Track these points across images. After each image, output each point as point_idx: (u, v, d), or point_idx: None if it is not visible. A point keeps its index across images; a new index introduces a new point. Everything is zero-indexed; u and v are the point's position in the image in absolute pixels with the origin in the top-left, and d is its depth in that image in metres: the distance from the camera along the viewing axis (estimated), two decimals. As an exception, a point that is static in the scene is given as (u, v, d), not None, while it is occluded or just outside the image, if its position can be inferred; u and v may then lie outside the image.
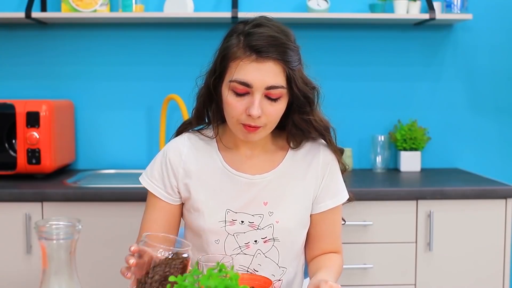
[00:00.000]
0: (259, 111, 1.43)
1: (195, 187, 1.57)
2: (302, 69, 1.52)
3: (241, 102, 1.45)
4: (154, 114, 3.05)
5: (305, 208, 1.59)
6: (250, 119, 1.45)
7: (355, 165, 3.09)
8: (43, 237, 1.01)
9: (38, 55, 3.03)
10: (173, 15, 2.82)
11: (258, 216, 1.55)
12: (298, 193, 1.58)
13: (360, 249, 2.53)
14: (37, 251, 2.43)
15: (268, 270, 1.57)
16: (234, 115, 1.47)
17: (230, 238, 1.55)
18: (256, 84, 1.43)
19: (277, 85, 1.44)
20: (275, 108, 1.47)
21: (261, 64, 1.43)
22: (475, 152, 3.14)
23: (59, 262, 1.02)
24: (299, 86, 1.48)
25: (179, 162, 1.59)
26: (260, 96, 1.44)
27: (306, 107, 1.53)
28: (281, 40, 1.45)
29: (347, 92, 3.08)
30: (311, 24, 3.05)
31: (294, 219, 1.57)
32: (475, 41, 3.10)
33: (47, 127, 2.63)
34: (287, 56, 1.45)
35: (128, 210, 2.45)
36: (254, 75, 1.43)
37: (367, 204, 2.51)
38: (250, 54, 1.43)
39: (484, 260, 2.54)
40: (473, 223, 2.53)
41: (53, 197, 2.45)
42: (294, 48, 1.49)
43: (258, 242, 1.56)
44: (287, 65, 1.45)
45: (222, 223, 1.55)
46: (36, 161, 2.63)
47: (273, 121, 1.49)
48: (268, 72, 1.43)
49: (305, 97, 1.51)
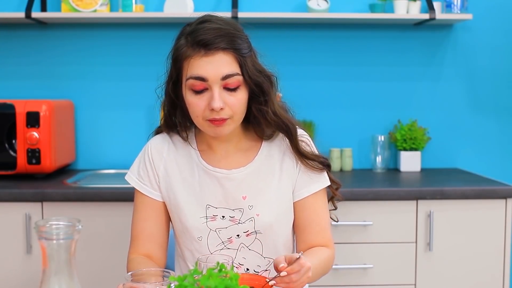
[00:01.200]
0: (220, 103, 1.45)
1: (175, 184, 1.59)
2: (254, 58, 1.53)
3: (202, 99, 1.47)
4: (154, 114, 3.04)
5: (286, 198, 1.59)
6: (214, 113, 1.47)
7: (355, 165, 3.10)
8: (43, 237, 1.01)
9: (38, 55, 3.03)
10: (173, 15, 2.82)
11: (238, 211, 1.56)
12: (276, 184, 1.58)
13: (360, 249, 2.53)
14: (37, 251, 2.44)
15: (254, 262, 1.59)
16: (198, 114, 1.49)
17: (212, 234, 1.57)
18: (210, 76, 1.45)
19: (232, 73, 1.46)
20: (236, 98, 1.48)
21: (211, 56, 1.45)
22: (475, 152, 3.14)
23: (59, 262, 1.02)
24: (250, 73, 1.49)
25: (160, 159, 1.62)
26: (219, 89, 1.46)
27: (260, 97, 1.53)
28: (226, 30, 1.48)
29: (347, 92, 3.09)
30: (311, 24, 3.05)
31: (275, 211, 1.57)
32: (475, 41, 3.10)
33: (47, 127, 2.63)
34: (235, 44, 1.47)
35: (128, 210, 2.43)
36: (207, 68, 1.45)
37: (367, 204, 2.51)
38: (199, 50, 1.46)
39: (484, 260, 2.54)
40: (473, 223, 2.53)
41: (53, 197, 2.45)
42: (242, 36, 1.51)
43: (241, 236, 1.57)
44: (236, 53, 1.47)
45: (204, 219, 1.56)
46: (36, 161, 2.63)
47: (238, 111, 1.50)
48: (220, 63, 1.45)
49: (257, 85, 1.51)
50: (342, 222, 2.36)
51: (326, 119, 3.08)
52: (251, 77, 1.49)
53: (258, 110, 1.54)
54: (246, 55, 1.49)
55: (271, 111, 1.54)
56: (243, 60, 1.47)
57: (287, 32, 3.06)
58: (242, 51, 1.48)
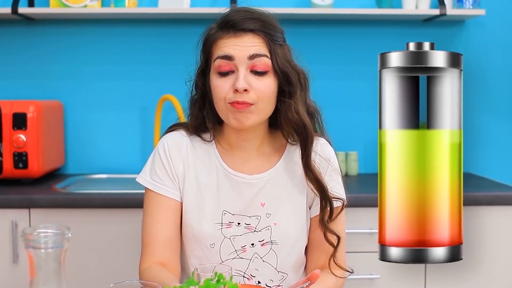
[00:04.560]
0: (244, 83, 1.46)
1: (192, 186, 1.58)
2: (287, 51, 1.54)
3: (227, 81, 1.48)
4: (148, 116, 3.05)
5: (304, 209, 1.59)
6: (237, 95, 1.46)
7: (360, 169, 3.09)
8: (30, 246, 1.01)
9: (25, 53, 3.03)
10: (168, 10, 2.82)
11: (255, 218, 1.56)
12: (297, 194, 1.58)
13: (366, 258, 2.52)
14: (24, 260, 2.43)
15: (266, 275, 1.57)
16: (221, 96, 1.49)
17: (226, 242, 1.56)
18: (237, 55, 1.47)
19: (260, 53, 1.47)
20: (263, 83, 1.48)
21: (239, 38, 1.48)
22: (487, 156, 3.13)
23: (48, 272, 1.02)
24: (279, 61, 1.49)
25: (179, 155, 1.59)
26: (245, 70, 1.47)
27: (286, 88, 1.52)
28: (258, 15, 1.51)
29: (352, 92, 3.09)
30: (315, 21, 3.05)
31: (294, 222, 1.57)
32: (488, 38, 3.10)
33: (34, 129, 2.63)
34: (267, 29, 1.49)
35: (121, 217, 2.45)
36: (235, 47, 1.47)
37: (374, 211, 2.48)
38: (228, 31, 1.50)
39: (496, 270, 2.54)
40: (486, 231, 2.53)
41: (41, 203, 2.44)
42: (276, 26, 1.53)
43: (255, 245, 1.56)
44: (267, 37, 1.49)
45: (219, 225, 1.55)
46: (23, 165, 2.63)
47: (264, 98, 1.49)
48: (249, 43, 1.48)
49: (285, 75, 1.50)
50: (348, 230, 2.35)
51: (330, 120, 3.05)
52: (280, 65, 1.49)
53: (282, 102, 1.53)
54: (277, 43, 1.51)
55: (294, 107, 1.52)
56: (273, 46, 1.49)
57: (289, 29, 3.02)
58: (273, 37, 1.50)
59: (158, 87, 3.02)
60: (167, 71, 3.04)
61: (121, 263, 2.44)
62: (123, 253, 2.44)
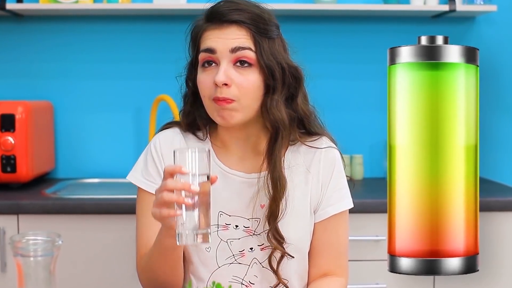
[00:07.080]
0: (223, 77, 1.45)
1: None
2: (277, 45, 1.52)
3: (209, 75, 1.48)
4: (143, 117, 3.04)
5: (307, 212, 1.58)
6: (218, 90, 1.46)
7: (366, 173, 3.09)
8: (19, 254, 1.01)
9: (14, 51, 3.03)
10: (164, 6, 2.83)
11: (254, 220, 1.55)
12: (299, 195, 1.57)
13: (372, 267, 2.52)
14: (13, 269, 2.42)
15: (266, 282, 1.56)
16: (205, 93, 1.49)
17: (222, 245, 1.55)
18: (218, 47, 1.46)
19: (243, 46, 1.46)
20: (245, 78, 1.47)
21: (223, 30, 1.48)
22: (499, 159, 3.13)
23: (37, 281, 1.02)
24: (265, 55, 1.48)
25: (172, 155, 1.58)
26: (227, 64, 1.46)
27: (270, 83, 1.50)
28: (245, 7, 1.50)
29: (357, 91, 3.09)
30: (319, 17, 3.06)
31: (295, 225, 1.56)
32: (500, 36, 3.10)
33: (23, 131, 2.63)
34: (254, 21, 1.48)
35: (114, 223, 2.45)
36: (217, 40, 1.47)
37: (380, 217, 2.50)
38: (212, 23, 1.49)
39: (506, 279, 2.54)
40: (499, 238, 2.53)
41: (30, 209, 2.44)
42: (266, 18, 1.51)
43: (254, 250, 1.55)
44: (253, 30, 1.48)
45: (215, 227, 1.54)
46: (11, 169, 2.62)
47: (246, 94, 1.47)
48: (232, 35, 1.47)
49: (269, 69, 1.48)
50: (353, 237, 2.35)
51: (334, 122, 3.04)
52: (265, 59, 1.48)
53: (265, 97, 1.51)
54: (265, 36, 1.49)
55: (274, 101, 1.50)
56: (260, 39, 1.48)
57: (291, 26, 3.03)
58: (260, 30, 1.48)
59: (153, 87, 3.01)
60: (163, 70, 3.03)
61: (114, 272, 2.44)
62: (116, 261, 2.44)
